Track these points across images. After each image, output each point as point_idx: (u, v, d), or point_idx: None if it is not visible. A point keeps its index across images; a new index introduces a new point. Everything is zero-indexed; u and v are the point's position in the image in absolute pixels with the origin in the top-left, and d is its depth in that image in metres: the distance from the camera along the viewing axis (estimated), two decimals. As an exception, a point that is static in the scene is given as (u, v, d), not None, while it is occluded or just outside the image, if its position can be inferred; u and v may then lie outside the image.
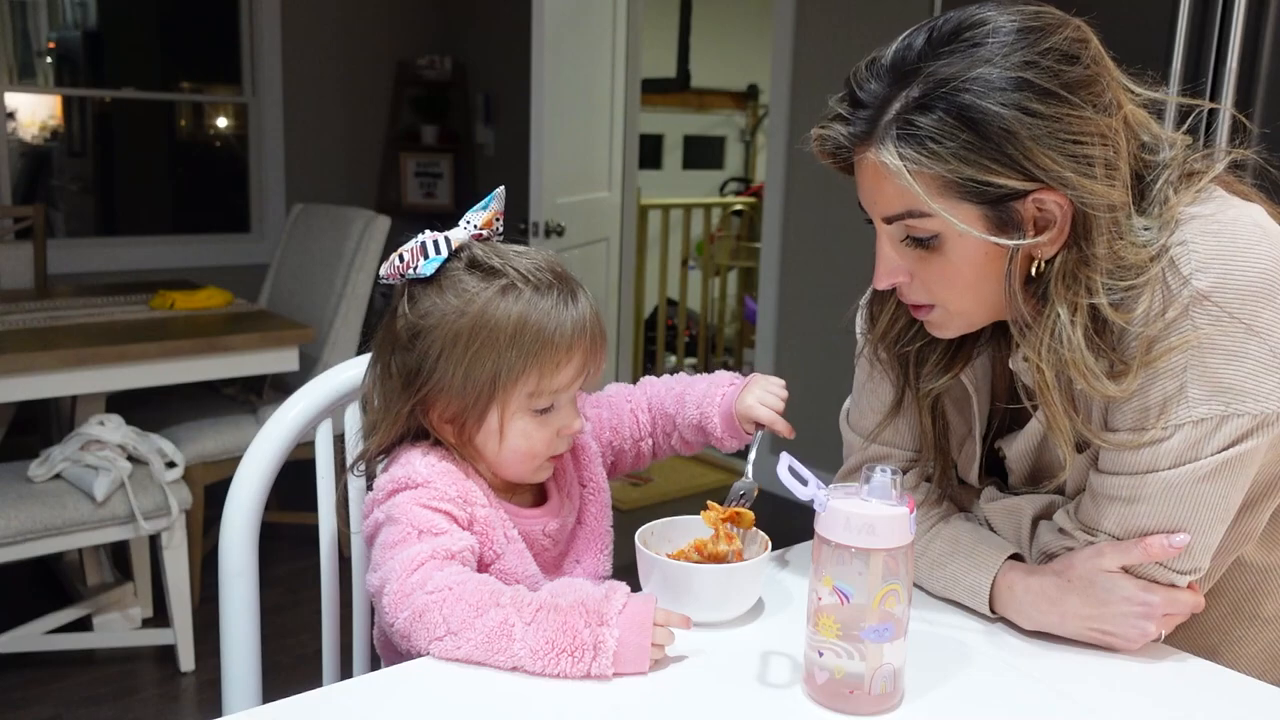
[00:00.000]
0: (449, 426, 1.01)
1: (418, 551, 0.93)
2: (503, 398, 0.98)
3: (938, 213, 0.88)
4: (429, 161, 5.02)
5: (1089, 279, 0.89)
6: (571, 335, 0.98)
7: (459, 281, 0.98)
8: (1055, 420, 0.94)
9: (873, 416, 1.13)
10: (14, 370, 2.21)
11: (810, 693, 0.86)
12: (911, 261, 0.95)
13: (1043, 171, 0.85)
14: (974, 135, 0.85)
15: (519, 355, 0.97)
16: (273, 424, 1.12)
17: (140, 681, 2.39)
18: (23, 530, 2.12)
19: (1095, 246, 0.88)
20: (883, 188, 0.91)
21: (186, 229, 4.83)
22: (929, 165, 0.86)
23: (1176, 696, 0.90)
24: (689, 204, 5.32)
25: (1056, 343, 0.90)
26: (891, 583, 0.82)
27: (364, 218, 3.00)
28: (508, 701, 0.84)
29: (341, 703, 0.86)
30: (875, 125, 0.89)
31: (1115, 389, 0.90)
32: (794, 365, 3.80)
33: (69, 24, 4.66)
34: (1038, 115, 0.84)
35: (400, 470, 0.99)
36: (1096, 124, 0.86)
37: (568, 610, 0.88)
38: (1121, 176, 0.89)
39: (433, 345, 0.98)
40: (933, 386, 1.05)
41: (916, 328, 1.04)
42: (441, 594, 0.90)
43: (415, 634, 0.90)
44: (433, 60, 4.95)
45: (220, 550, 1.09)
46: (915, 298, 0.97)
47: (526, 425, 1.00)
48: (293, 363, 2.63)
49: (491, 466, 1.03)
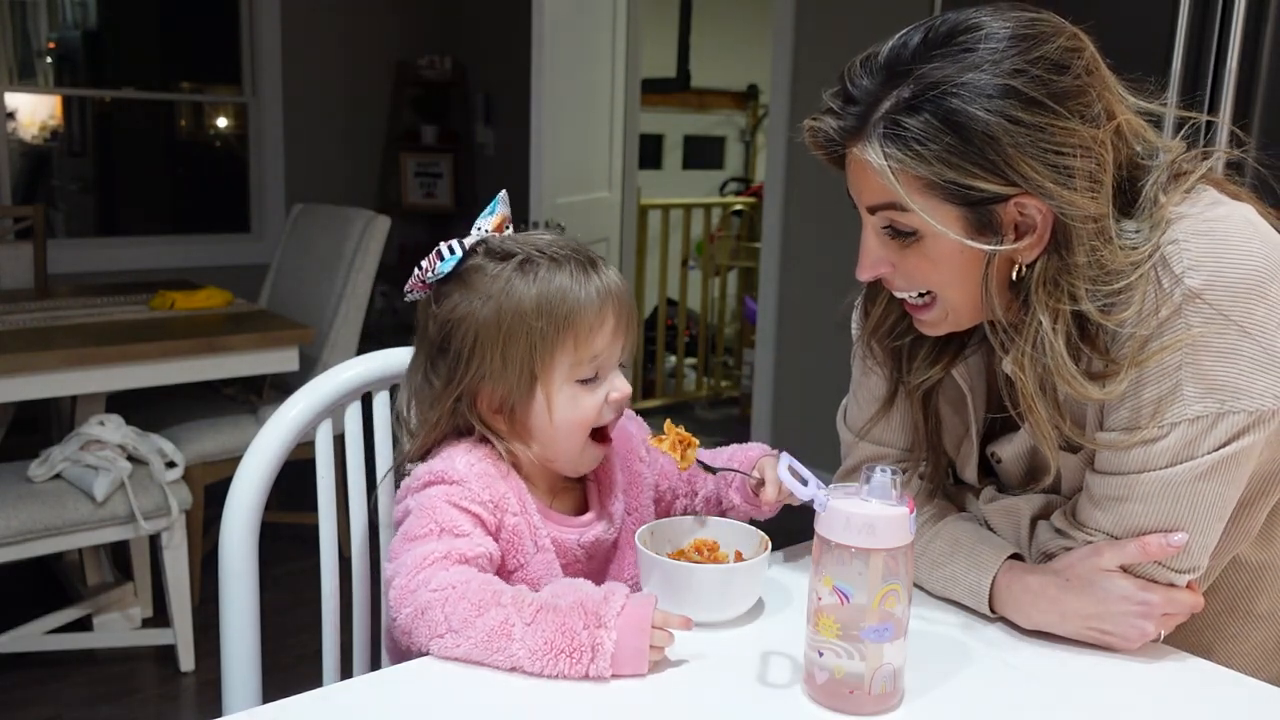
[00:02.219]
0: (499, 415, 1.02)
1: (432, 549, 0.94)
2: (544, 372, 0.99)
3: (918, 212, 0.90)
4: (429, 161, 5.02)
5: (1071, 285, 0.90)
6: (598, 299, 0.99)
7: (478, 269, 1.00)
8: (1039, 426, 0.95)
9: (868, 412, 1.13)
10: (14, 370, 2.21)
11: (810, 693, 0.86)
12: (893, 253, 0.96)
13: (1023, 179, 0.86)
14: (958, 139, 0.86)
15: (550, 324, 0.98)
16: (273, 424, 1.12)
17: (140, 681, 2.39)
18: (23, 530, 2.12)
19: (1075, 255, 0.89)
20: (868, 181, 0.92)
21: (186, 229, 4.83)
22: (912, 166, 0.88)
23: (1175, 695, 0.90)
24: (689, 204, 5.32)
25: (1039, 351, 0.91)
26: (891, 583, 0.82)
27: (364, 218, 3.00)
28: (508, 702, 0.84)
29: (341, 703, 0.86)
30: (865, 122, 0.90)
31: (1100, 393, 0.90)
32: (794, 365, 3.81)
33: (69, 24, 4.66)
34: (1021, 124, 0.85)
35: (440, 464, 1.00)
36: (1081, 135, 0.87)
37: (566, 611, 0.88)
38: (1104, 189, 0.89)
39: (466, 336, 0.99)
40: (924, 379, 1.06)
41: (907, 321, 1.05)
42: (444, 592, 0.90)
43: (416, 630, 0.90)
44: (433, 60, 4.95)
45: (220, 550, 1.09)
46: (900, 288, 0.99)
47: (575, 393, 1.01)
48: (293, 363, 2.63)
49: (545, 450, 1.03)
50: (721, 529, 1.08)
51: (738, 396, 5.05)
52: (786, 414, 3.85)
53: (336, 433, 1.21)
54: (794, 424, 3.81)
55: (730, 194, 6.49)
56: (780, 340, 3.84)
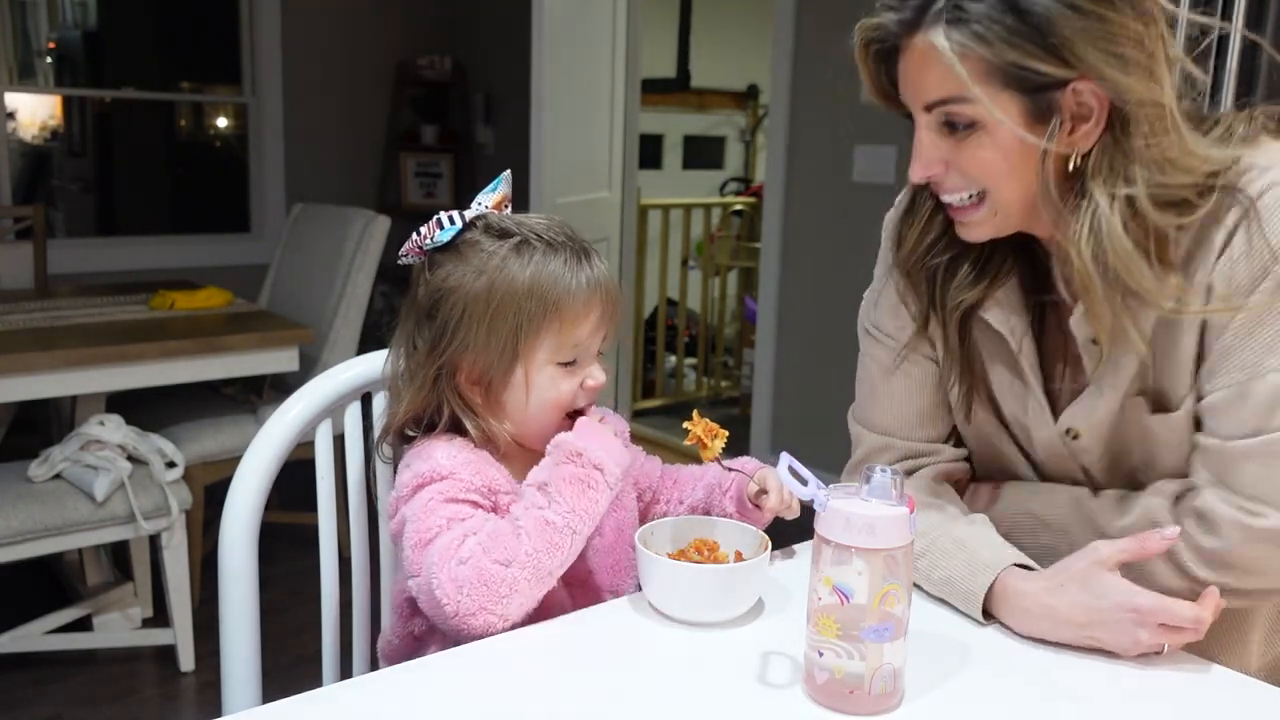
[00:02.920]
0: (476, 388, 1.04)
1: (449, 540, 0.95)
2: (527, 351, 1.02)
3: (979, 99, 0.92)
4: (429, 161, 5.02)
5: (1127, 168, 0.93)
6: (588, 289, 1.02)
7: (475, 244, 1.02)
8: (1094, 307, 0.96)
9: (887, 405, 1.14)
10: (14, 370, 2.21)
11: (810, 693, 0.86)
12: (948, 150, 0.98)
13: (1080, 61, 0.89)
14: (1019, 21, 0.89)
15: (538, 307, 1.00)
16: (273, 424, 1.12)
17: (140, 681, 2.39)
18: (23, 530, 2.12)
19: (1133, 139, 0.92)
20: (926, 74, 0.95)
21: (186, 229, 4.83)
22: (975, 48, 0.90)
23: (1176, 696, 0.90)
24: (689, 204, 5.32)
25: (1096, 233, 0.93)
26: (891, 583, 0.82)
27: (364, 218, 3.00)
28: (508, 702, 0.84)
29: (341, 702, 0.86)
30: (924, 13, 0.93)
31: (1160, 287, 0.93)
32: (794, 365, 3.80)
33: (69, 24, 4.66)
34: (1079, 10, 0.88)
35: (423, 465, 1.01)
36: (1134, 29, 0.90)
37: (555, 470, 0.99)
38: (1159, 78, 0.92)
39: (455, 307, 1.01)
40: (963, 299, 1.07)
41: (947, 239, 1.07)
42: (475, 556, 0.93)
43: (481, 596, 0.92)
44: (433, 60, 4.95)
45: (220, 550, 1.09)
46: (952, 189, 1.00)
47: (553, 375, 1.04)
48: (293, 363, 2.63)
49: (518, 427, 1.05)
50: (721, 529, 1.08)
51: (738, 396, 5.05)
52: (786, 414, 3.85)
53: (336, 433, 1.21)
54: (794, 424, 3.81)
55: (730, 194, 6.48)
56: (780, 340, 3.84)
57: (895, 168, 3.37)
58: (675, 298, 5.20)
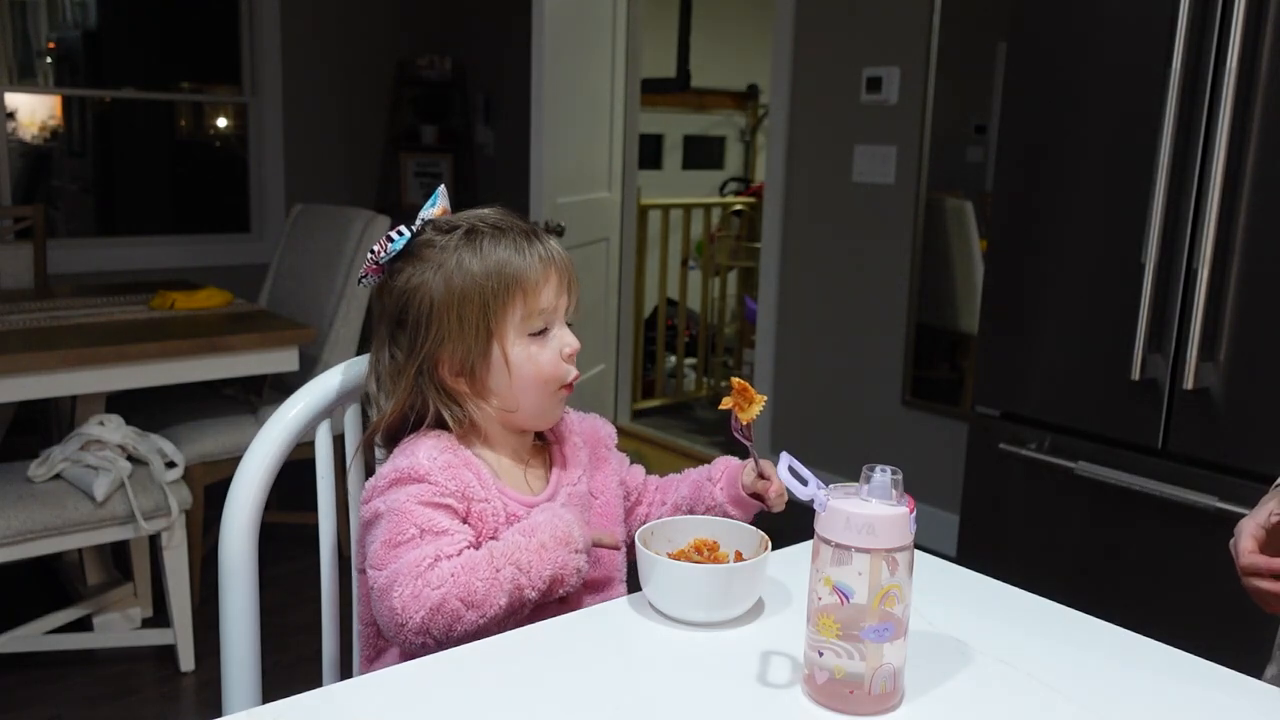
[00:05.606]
0: (460, 378, 1.07)
1: (422, 555, 0.96)
2: (499, 327, 1.05)
3: None
4: (429, 161, 5.02)
5: None
6: (540, 261, 1.06)
7: (428, 243, 1.07)
8: None
9: None
10: (14, 370, 2.21)
11: (810, 693, 0.86)
12: None
13: None
14: None
15: (499, 283, 1.04)
16: (273, 424, 1.12)
17: (140, 681, 2.39)
18: (23, 530, 2.12)
19: None
20: None
21: (186, 229, 4.83)
22: None
23: (1176, 696, 0.90)
24: (689, 204, 5.32)
25: None
26: (891, 583, 0.82)
27: (364, 218, 3.01)
28: (507, 701, 0.84)
29: (341, 703, 0.86)
30: None
31: None
32: (794, 365, 3.80)
33: (69, 24, 4.66)
34: None
35: (404, 460, 1.02)
36: None
37: (535, 534, 1.01)
38: None
39: (422, 303, 1.05)
40: None
41: None
42: (447, 583, 0.95)
43: (434, 625, 0.94)
44: (433, 60, 4.95)
45: (220, 550, 1.09)
46: None
47: (528, 347, 1.07)
48: (293, 363, 2.63)
49: (511, 409, 1.08)
50: (721, 529, 1.09)
51: (738, 396, 5.05)
52: (786, 414, 3.85)
53: (336, 433, 1.21)
54: (793, 424, 3.81)
55: (730, 194, 6.49)
56: (780, 340, 3.84)
57: (895, 168, 3.37)
58: (675, 298, 5.20)
